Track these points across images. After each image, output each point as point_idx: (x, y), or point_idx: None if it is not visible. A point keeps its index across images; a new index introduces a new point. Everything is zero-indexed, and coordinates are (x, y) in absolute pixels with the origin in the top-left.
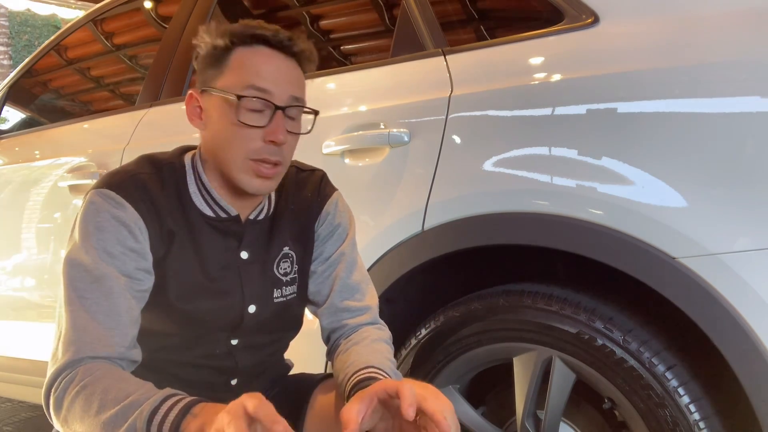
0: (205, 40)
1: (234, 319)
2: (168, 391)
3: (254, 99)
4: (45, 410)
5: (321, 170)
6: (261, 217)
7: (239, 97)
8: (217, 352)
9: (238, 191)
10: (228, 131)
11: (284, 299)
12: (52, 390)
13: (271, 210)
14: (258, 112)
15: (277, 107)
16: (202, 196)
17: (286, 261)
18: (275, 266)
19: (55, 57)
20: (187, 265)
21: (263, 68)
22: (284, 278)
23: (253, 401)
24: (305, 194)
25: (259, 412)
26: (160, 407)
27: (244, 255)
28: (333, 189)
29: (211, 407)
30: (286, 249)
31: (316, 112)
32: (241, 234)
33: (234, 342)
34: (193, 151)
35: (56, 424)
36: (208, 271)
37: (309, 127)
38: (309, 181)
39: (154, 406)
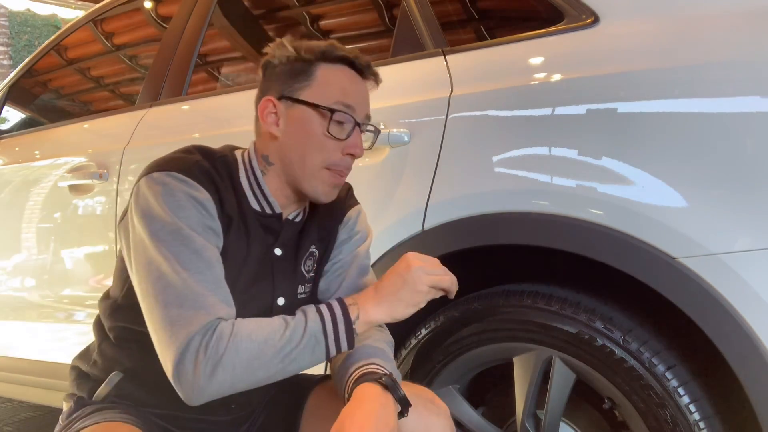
0: (286, 52)
1: (264, 310)
2: (309, 306)
3: (344, 114)
4: (178, 377)
5: (348, 183)
6: (298, 219)
7: (332, 111)
8: None
9: (299, 195)
10: (313, 140)
11: (305, 296)
12: (197, 353)
13: (306, 214)
14: (341, 125)
15: (357, 123)
16: (253, 190)
17: (311, 259)
18: (302, 264)
19: (55, 57)
20: (238, 252)
21: (350, 87)
22: (307, 275)
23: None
24: (333, 200)
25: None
26: (323, 314)
27: (277, 252)
28: (357, 202)
29: (363, 296)
30: (312, 248)
31: (378, 131)
32: (278, 232)
33: None
34: (241, 149)
35: (208, 382)
36: (250, 261)
37: (369, 144)
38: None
39: (318, 313)
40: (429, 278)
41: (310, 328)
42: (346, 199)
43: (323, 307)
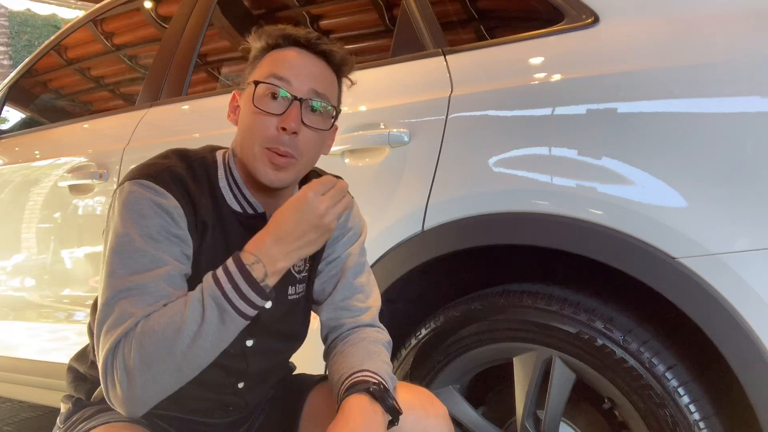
0: (250, 44)
1: None
2: (207, 274)
3: (269, 85)
4: (107, 396)
5: (341, 178)
6: None
7: (256, 83)
8: (231, 351)
9: (260, 186)
10: (248, 119)
11: (297, 296)
12: (112, 363)
13: None
14: (277, 101)
15: (295, 98)
16: (232, 191)
17: (301, 259)
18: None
19: (55, 57)
20: (217, 257)
21: (286, 61)
22: (298, 276)
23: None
24: None
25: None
26: (218, 278)
27: None
28: (350, 196)
29: (259, 243)
30: None
31: (337, 110)
32: None
33: (249, 343)
34: (224, 150)
35: (123, 387)
36: None
37: (329, 126)
38: None
39: (214, 280)
40: (326, 199)
41: (209, 296)
42: None
43: (219, 270)
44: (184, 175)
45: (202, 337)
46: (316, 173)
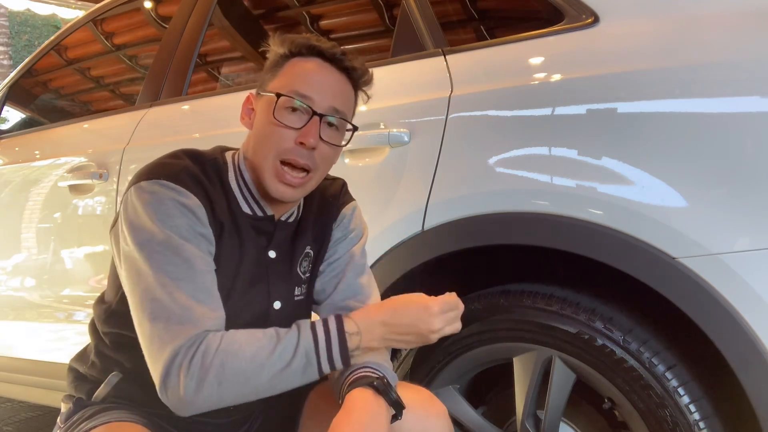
0: (270, 48)
1: (261, 314)
2: (305, 321)
3: (291, 99)
4: (164, 392)
5: (342, 179)
6: (291, 219)
7: (278, 96)
8: None
9: (268, 196)
10: (265, 128)
11: (302, 297)
12: (182, 368)
13: (300, 214)
14: (296, 114)
15: (315, 113)
16: (242, 193)
17: (307, 260)
18: (298, 265)
19: (55, 57)
20: (231, 257)
21: (310, 76)
22: (303, 276)
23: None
24: (327, 198)
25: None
26: (317, 333)
27: (272, 254)
28: (352, 198)
29: (361, 315)
30: (307, 249)
31: (354, 128)
32: (271, 234)
33: None
34: (233, 151)
35: (192, 398)
36: (243, 265)
37: (344, 141)
38: (331, 187)
39: (312, 333)
40: (443, 321)
41: (303, 347)
42: (340, 196)
43: (318, 325)
44: (200, 175)
45: (280, 379)
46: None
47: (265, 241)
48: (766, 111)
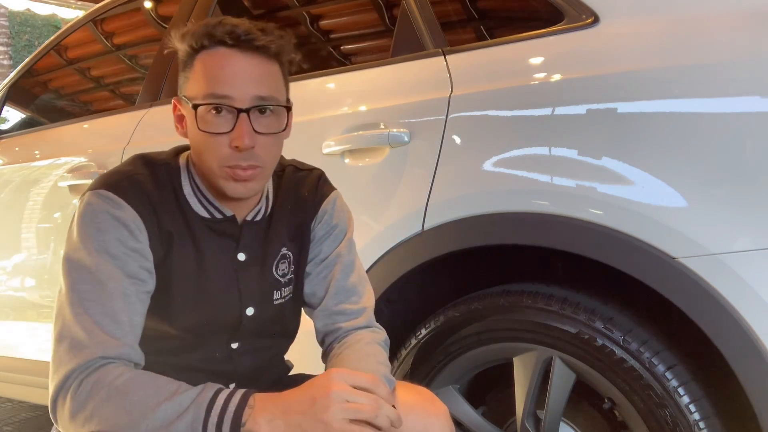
0: (175, 45)
1: (232, 321)
2: (214, 384)
3: (209, 106)
4: (52, 413)
5: (319, 169)
6: (258, 218)
7: (195, 107)
8: (216, 356)
9: (226, 196)
10: (198, 140)
11: (283, 300)
12: (69, 392)
13: (269, 211)
14: (222, 117)
15: (240, 111)
16: (197, 197)
17: (284, 262)
18: (274, 268)
19: (55, 57)
20: (187, 266)
21: (220, 72)
22: (283, 279)
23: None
24: (302, 193)
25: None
26: (215, 400)
27: (241, 257)
28: (331, 188)
29: (268, 398)
30: (284, 250)
31: (288, 108)
32: (237, 235)
33: (234, 346)
34: (187, 152)
35: (69, 425)
36: (207, 272)
37: (284, 125)
38: (307, 180)
39: (208, 399)
40: (346, 408)
41: (192, 411)
42: (317, 190)
43: (221, 396)
44: (146, 182)
45: None
46: (294, 167)
47: (233, 244)
48: (766, 111)
